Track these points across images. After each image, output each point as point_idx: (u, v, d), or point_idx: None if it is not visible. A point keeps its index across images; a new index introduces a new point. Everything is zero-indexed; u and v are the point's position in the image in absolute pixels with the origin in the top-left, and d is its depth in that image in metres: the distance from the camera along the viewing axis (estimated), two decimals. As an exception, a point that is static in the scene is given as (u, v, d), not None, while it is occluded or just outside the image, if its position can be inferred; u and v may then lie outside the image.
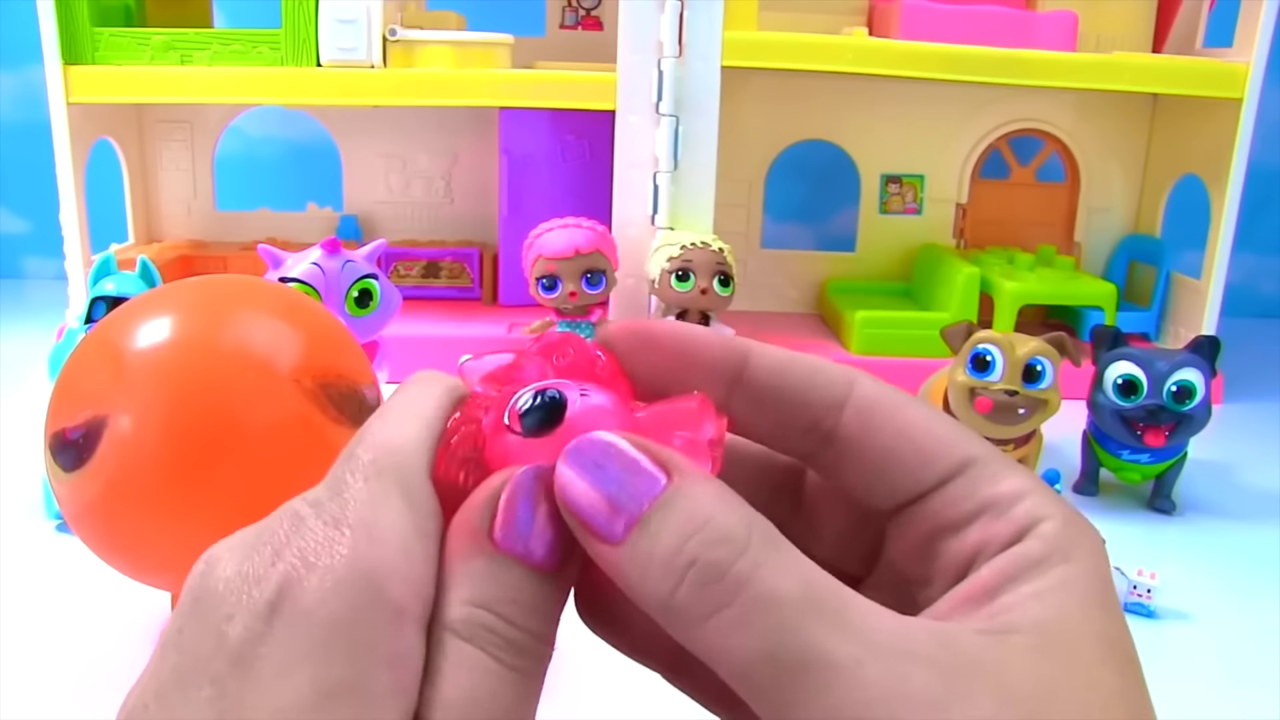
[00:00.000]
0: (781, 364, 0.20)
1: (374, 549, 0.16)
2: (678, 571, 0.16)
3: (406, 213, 1.12)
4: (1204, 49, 1.00)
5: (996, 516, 0.18)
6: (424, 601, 0.17)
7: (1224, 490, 0.75)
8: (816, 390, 0.19)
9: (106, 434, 0.39)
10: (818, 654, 0.15)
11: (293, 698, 0.15)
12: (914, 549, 0.19)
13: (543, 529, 0.17)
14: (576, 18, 1.11)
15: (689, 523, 0.16)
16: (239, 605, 0.16)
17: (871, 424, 0.19)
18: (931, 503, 0.19)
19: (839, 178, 1.13)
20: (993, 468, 0.19)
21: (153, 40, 0.89)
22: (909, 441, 0.19)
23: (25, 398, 0.81)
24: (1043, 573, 0.17)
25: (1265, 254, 1.29)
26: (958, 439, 0.19)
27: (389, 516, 0.17)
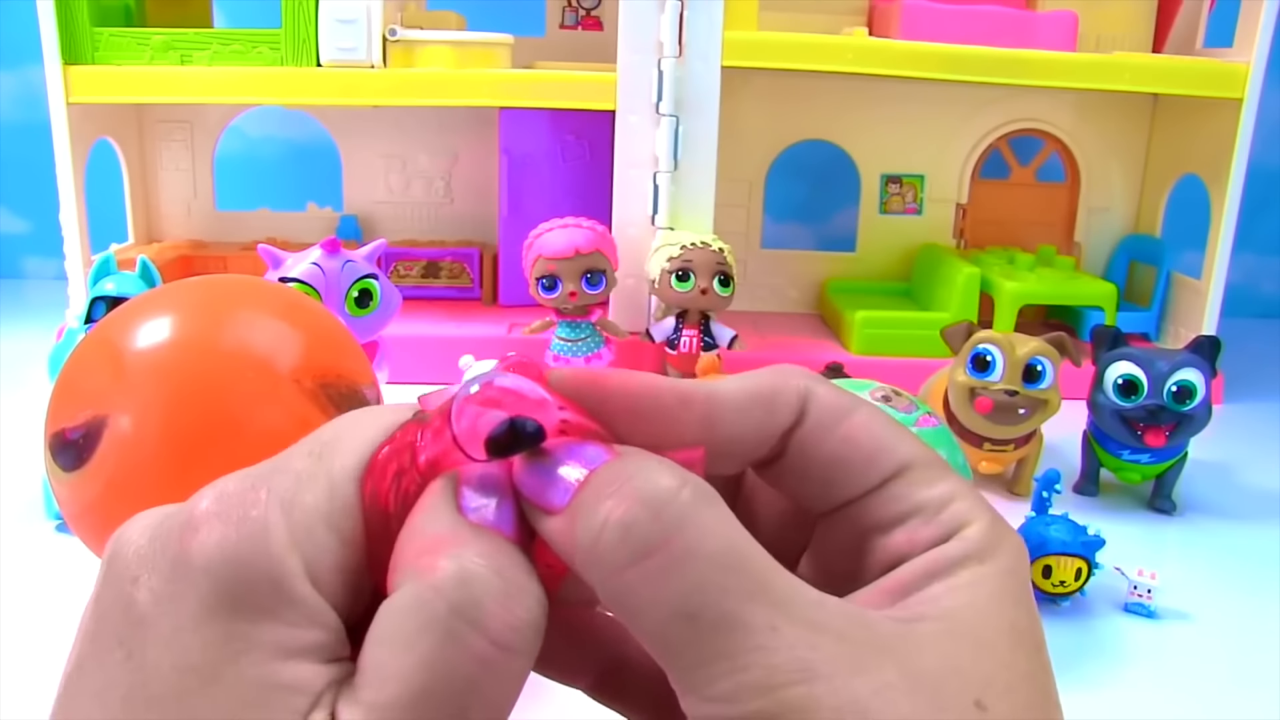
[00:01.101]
0: (741, 403, 0.19)
1: (279, 520, 0.17)
2: (603, 519, 0.16)
3: (406, 213, 1.12)
4: (1204, 49, 1.00)
5: (925, 520, 0.19)
6: (321, 580, 0.17)
7: (1224, 490, 0.75)
8: (776, 418, 0.19)
9: (106, 434, 0.39)
10: (734, 614, 0.16)
11: (196, 652, 0.16)
12: (843, 547, 0.20)
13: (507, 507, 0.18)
14: (576, 18, 1.11)
15: (621, 474, 0.16)
16: (144, 567, 0.17)
17: (821, 434, 0.19)
18: (866, 504, 0.19)
19: (839, 178, 1.13)
20: (927, 472, 0.19)
21: (153, 40, 0.89)
22: (854, 448, 0.19)
23: (25, 398, 0.81)
24: (959, 570, 0.18)
25: (1265, 254, 1.29)
26: (897, 443, 0.19)
27: (308, 498, 0.17)
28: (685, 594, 0.16)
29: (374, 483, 0.18)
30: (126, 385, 0.39)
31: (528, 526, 0.17)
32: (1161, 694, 0.50)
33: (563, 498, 0.17)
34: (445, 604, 0.16)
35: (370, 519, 0.18)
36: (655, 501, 0.16)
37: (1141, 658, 0.53)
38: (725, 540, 0.16)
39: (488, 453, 0.17)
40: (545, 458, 0.17)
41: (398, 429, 0.18)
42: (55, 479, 0.41)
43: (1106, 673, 0.51)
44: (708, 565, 0.16)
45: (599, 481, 0.17)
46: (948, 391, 0.69)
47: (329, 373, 0.41)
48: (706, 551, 0.16)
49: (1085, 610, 0.57)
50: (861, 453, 0.19)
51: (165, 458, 0.38)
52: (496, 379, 0.17)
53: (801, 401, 0.19)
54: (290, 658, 0.16)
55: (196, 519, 0.17)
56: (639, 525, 0.16)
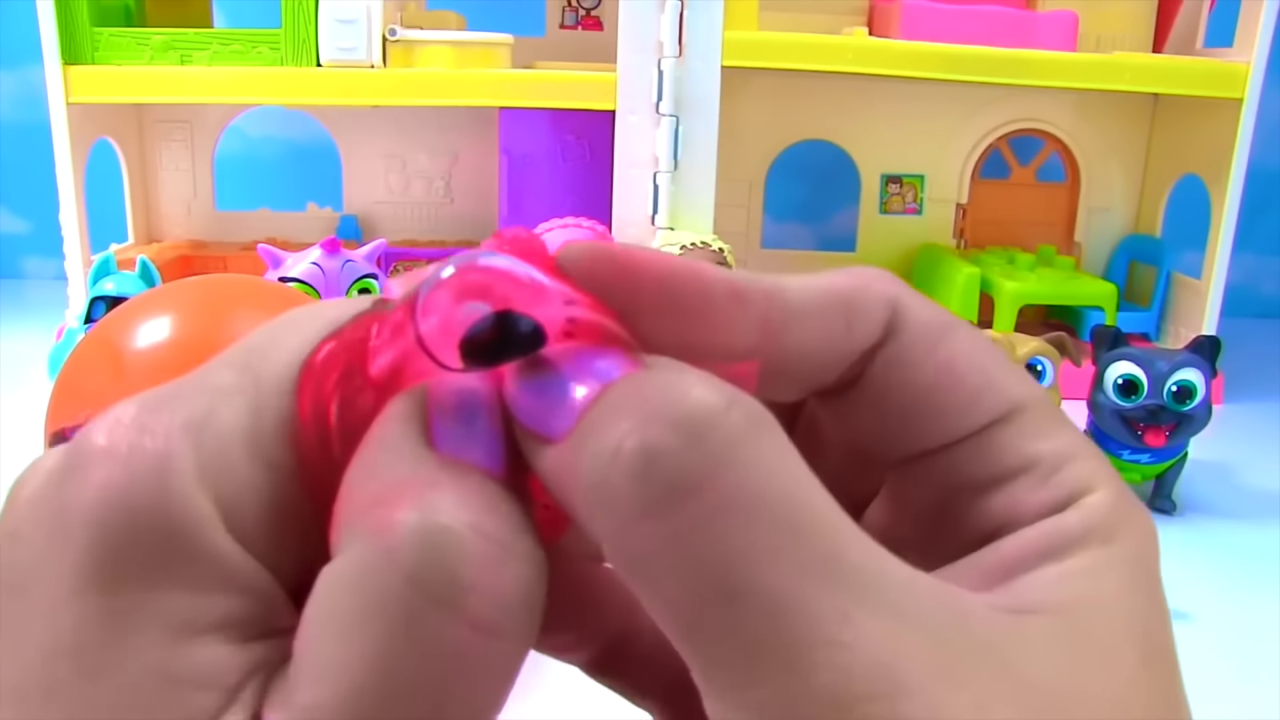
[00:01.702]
0: (813, 305, 0.15)
1: (184, 447, 0.13)
2: (616, 446, 0.12)
3: (406, 213, 1.12)
4: (1204, 49, 1.00)
5: (1037, 480, 0.15)
6: (245, 527, 0.13)
7: (1224, 490, 0.75)
8: (856, 330, 0.15)
9: (106, 434, 0.39)
10: (793, 594, 0.11)
11: (70, 633, 0.12)
12: (924, 506, 0.16)
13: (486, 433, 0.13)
14: (576, 18, 1.11)
15: (645, 388, 0.12)
16: (28, 518, 0.13)
17: (912, 358, 0.15)
18: (959, 453, 0.15)
19: (839, 178, 1.13)
20: (1041, 419, 0.15)
21: (152, 40, 0.89)
22: (952, 379, 0.15)
23: (25, 398, 0.81)
24: (1078, 552, 0.14)
25: (1265, 254, 1.29)
26: (1005, 377, 0.15)
27: (225, 416, 0.13)
28: (727, 560, 0.11)
29: (312, 393, 0.13)
30: (126, 385, 0.39)
31: (521, 462, 0.13)
32: (1161, 694, 0.50)
33: (566, 420, 0.12)
34: (402, 575, 0.11)
35: (308, 444, 0.13)
36: (692, 424, 0.12)
37: (1141, 658, 0.53)
38: (789, 486, 0.12)
39: (465, 359, 0.12)
40: (545, 369, 0.13)
41: (348, 323, 0.14)
42: (55, 479, 0.41)
43: (1106, 673, 0.51)
44: (764, 520, 0.11)
45: (615, 397, 0.12)
46: (948, 391, 0.69)
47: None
48: (763, 500, 0.11)
49: (1085, 610, 0.57)
50: (962, 387, 0.15)
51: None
52: (481, 258, 0.13)
53: (889, 312, 0.15)
54: (197, 636, 0.12)
55: (82, 455, 0.13)
56: (667, 456, 0.11)
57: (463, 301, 0.12)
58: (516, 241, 0.14)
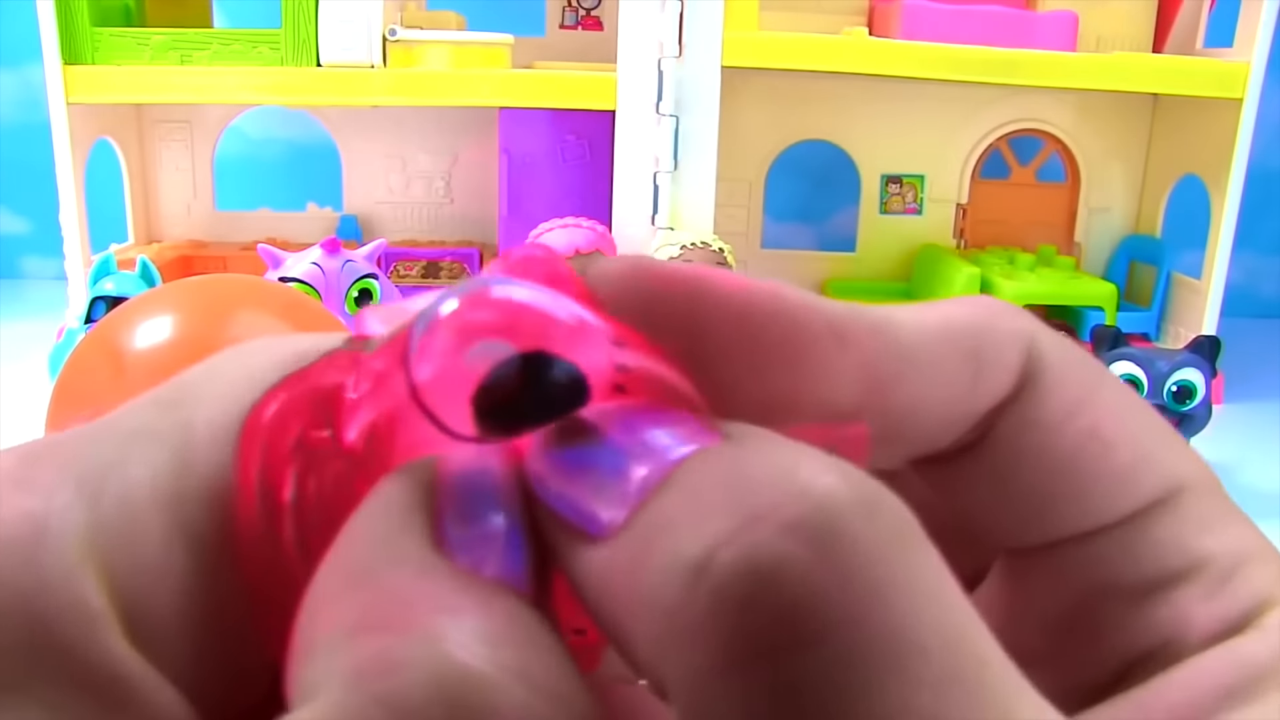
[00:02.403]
0: (932, 347, 0.12)
1: (75, 511, 0.09)
2: (706, 567, 0.08)
3: (406, 213, 1.12)
4: (1204, 49, 1.00)
5: (1205, 588, 0.12)
6: (153, 630, 0.09)
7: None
8: (984, 381, 0.12)
9: (106, 434, 0.39)
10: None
11: None
12: (1050, 608, 0.12)
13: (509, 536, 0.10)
14: (576, 18, 1.11)
15: (745, 480, 0.08)
16: None
17: (1049, 422, 0.12)
18: (1102, 545, 0.12)
19: (839, 178, 1.13)
20: (1208, 507, 0.12)
21: (153, 40, 0.89)
22: (1099, 449, 0.12)
23: (25, 398, 0.81)
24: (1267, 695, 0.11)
25: (1265, 254, 1.29)
26: (1168, 453, 0.12)
27: (136, 472, 0.10)
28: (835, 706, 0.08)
29: (258, 458, 0.10)
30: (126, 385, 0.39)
31: (544, 565, 0.09)
32: (1161, 694, 0.49)
33: (618, 511, 0.09)
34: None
35: (250, 525, 0.10)
36: (820, 530, 0.08)
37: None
38: (950, 625, 0.08)
39: (480, 422, 0.09)
40: (587, 437, 0.09)
41: (310, 365, 0.10)
42: (55, 479, 0.41)
43: (1106, 673, 0.51)
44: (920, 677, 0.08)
45: (693, 482, 0.09)
46: (948, 391, 0.69)
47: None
48: (918, 647, 0.08)
49: (1085, 610, 0.57)
50: (1112, 459, 0.12)
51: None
52: (495, 285, 0.09)
53: (1025, 359, 0.12)
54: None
55: None
56: (787, 575, 0.08)
57: (474, 341, 0.09)
58: (531, 263, 0.10)
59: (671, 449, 0.09)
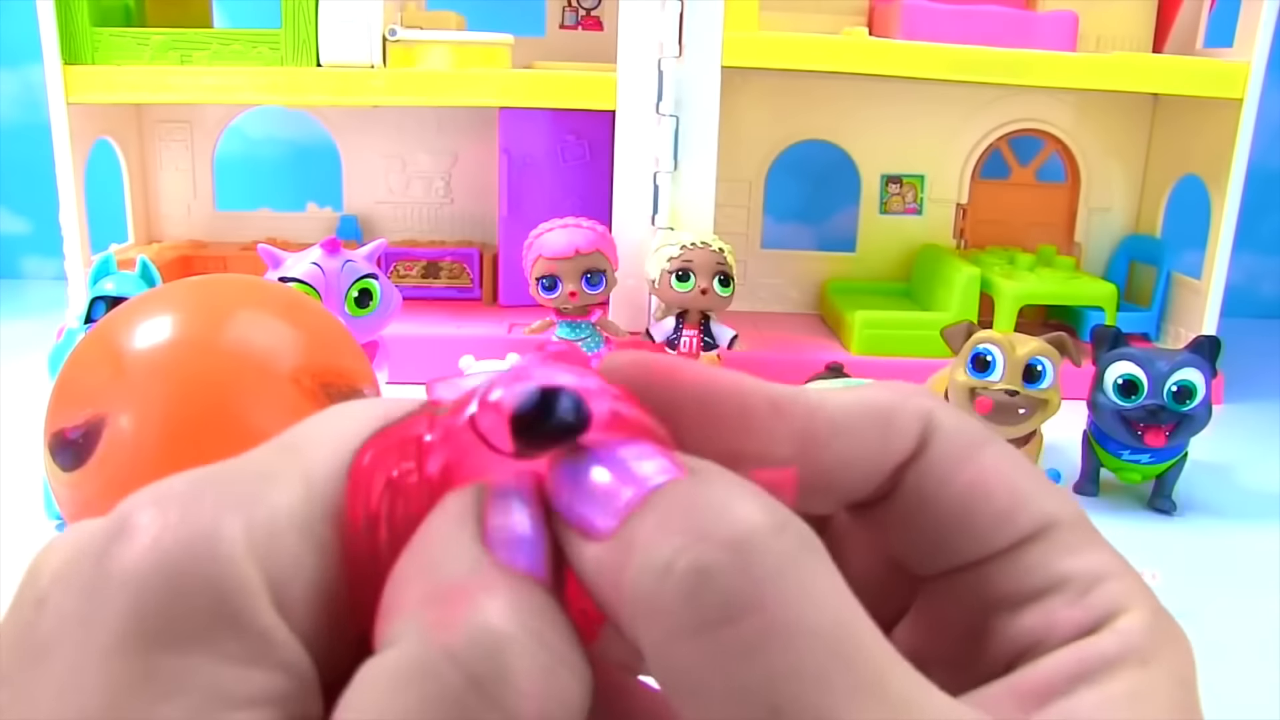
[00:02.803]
0: (851, 419, 0.15)
1: (234, 521, 0.13)
2: (668, 562, 0.12)
3: (406, 213, 1.12)
4: (1204, 49, 1.00)
5: (1069, 598, 0.15)
6: (291, 606, 0.13)
7: (1224, 490, 0.75)
8: (891, 444, 0.15)
9: (106, 433, 0.39)
10: (838, 719, 0.11)
11: (96, 697, 0.12)
12: (955, 622, 0.16)
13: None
14: (576, 18, 1.11)
15: (696, 499, 0.12)
16: (56, 586, 0.13)
17: (945, 472, 0.15)
18: (991, 569, 0.15)
19: (839, 178, 1.13)
20: (1074, 536, 0.15)
21: (152, 40, 0.89)
22: (984, 495, 0.15)
23: (25, 398, 0.81)
24: (1116, 675, 0.14)
25: (1265, 254, 1.29)
26: (1039, 494, 0.15)
27: (277, 496, 0.13)
28: (773, 681, 0.11)
29: (359, 495, 0.14)
30: (126, 385, 0.39)
31: (558, 563, 0.13)
32: (1161, 694, 0.49)
33: (610, 520, 0.13)
34: (463, 675, 0.11)
35: (356, 538, 0.13)
36: (744, 547, 0.12)
37: (1141, 658, 0.53)
38: (834, 611, 0.12)
39: (515, 438, 0.13)
40: (588, 460, 0.13)
41: (395, 422, 0.14)
42: (55, 479, 0.41)
43: (1106, 673, 0.51)
44: (810, 644, 0.12)
45: (666, 505, 0.12)
46: (948, 391, 0.69)
47: (329, 372, 0.41)
48: (809, 623, 0.12)
49: (1085, 610, 0.57)
50: (993, 503, 0.15)
51: (165, 457, 0.38)
52: (533, 365, 0.14)
53: (924, 426, 0.15)
54: (230, 710, 0.12)
55: (126, 525, 0.12)
56: (720, 576, 0.12)
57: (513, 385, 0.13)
58: (559, 355, 0.14)
59: (651, 479, 0.13)
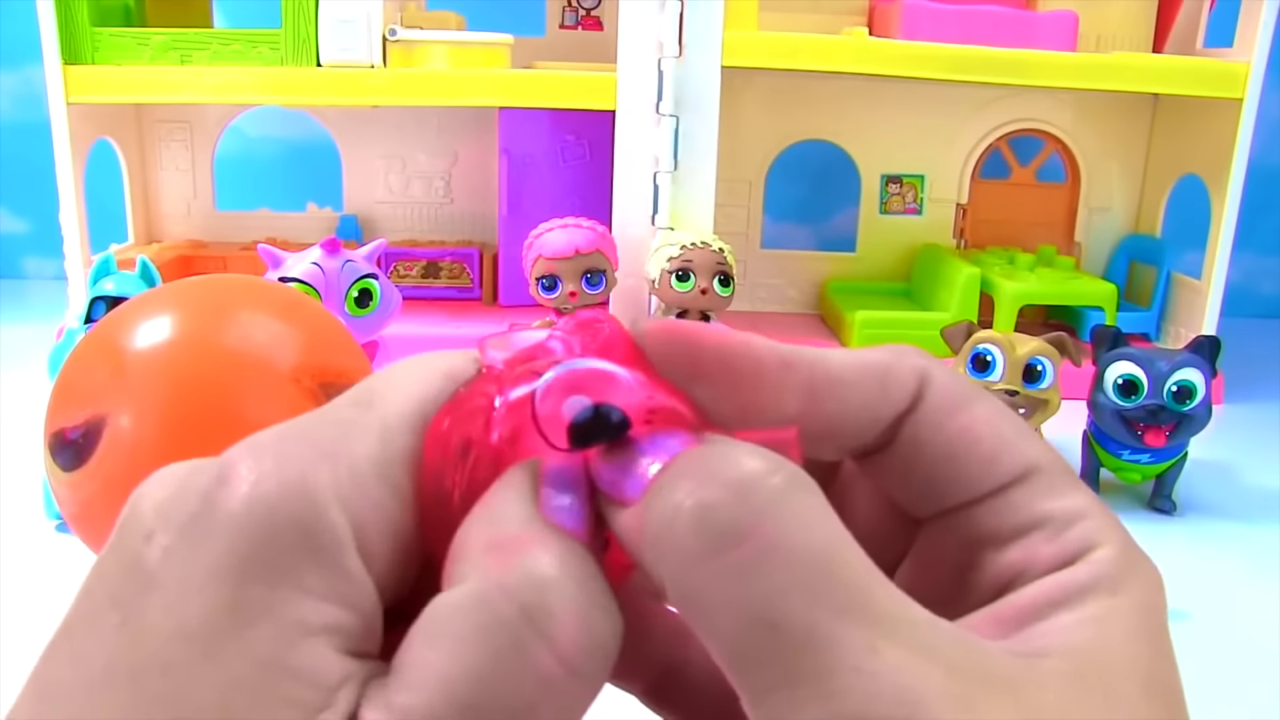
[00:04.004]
0: (852, 374, 0.17)
1: (322, 468, 0.15)
2: (677, 503, 0.14)
3: (406, 213, 1.12)
4: (1204, 49, 1.00)
5: (1049, 535, 0.16)
6: (370, 546, 0.15)
7: (1224, 490, 0.75)
8: (889, 397, 0.17)
9: (106, 433, 0.39)
10: (827, 630, 0.13)
11: (197, 618, 0.14)
12: (948, 560, 0.17)
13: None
14: (576, 18, 1.11)
15: (703, 457, 0.14)
16: (160, 521, 0.14)
17: (931, 427, 0.17)
18: (979, 511, 0.17)
19: (839, 178, 1.13)
20: (1054, 480, 0.17)
21: (152, 40, 0.89)
22: (973, 442, 0.17)
23: (25, 398, 0.81)
24: (1088, 601, 0.15)
25: (1265, 254, 1.29)
26: (1022, 443, 0.17)
27: (357, 446, 0.15)
28: (769, 597, 0.13)
29: (436, 453, 0.16)
30: (126, 384, 0.39)
31: (600, 528, 0.16)
32: (1161, 694, 0.49)
33: (638, 487, 0.15)
34: (515, 607, 0.14)
35: (429, 491, 0.16)
36: (741, 484, 0.14)
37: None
38: (823, 537, 0.14)
39: (570, 441, 0.15)
40: (626, 448, 0.15)
41: (461, 388, 0.16)
42: (55, 479, 0.41)
43: (1106, 673, 0.51)
44: (800, 564, 0.13)
45: (678, 466, 0.14)
46: (948, 391, 0.69)
47: (329, 372, 0.41)
48: (799, 547, 0.13)
49: (1085, 610, 0.57)
50: (981, 449, 0.17)
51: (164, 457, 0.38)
52: (582, 364, 0.16)
53: (919, 382, 0.17)
54: (310, 638, 0.14)
55: (227, 469, 0.15)
56: (720, 509, 0.14)
57: (569, 395, 0.16)
58: (589, 326, 0.17)
59: (670, 450, 0.15)
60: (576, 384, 0.16)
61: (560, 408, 0.16)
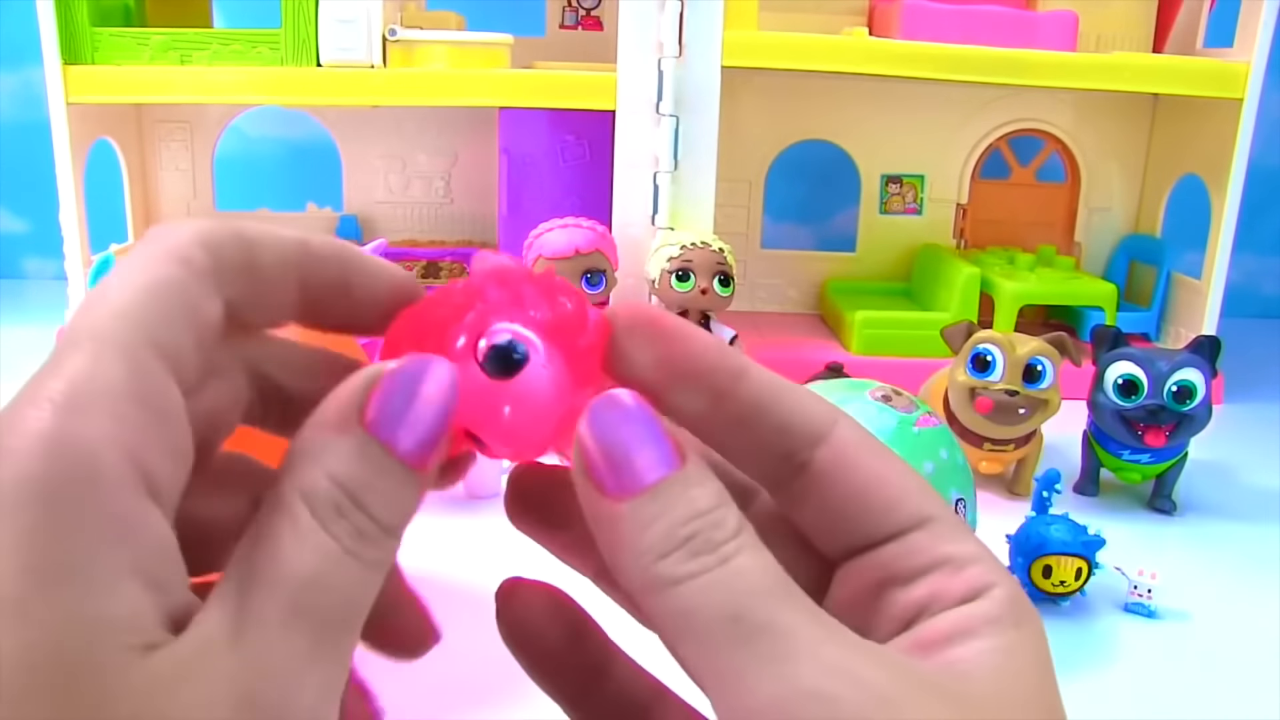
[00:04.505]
0: (772, 388, 0.19)
1: (73, 417, 0.15)
2: (677, 541, 0.17)
3: (406, 213, 1.12)
4: (1204, 49, 1.00)
5: (950, 573, 0.18)
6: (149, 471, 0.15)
7: (1224, 490, 0.75)
8: (800, 421, 0.19)
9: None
10: (784, 623, 0.16)
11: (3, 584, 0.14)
12: (859, 597, 0.19)
13: (415, 422, 0.17)
14: (576, 18, 1.11)
15: (699, 502, 0.17)
16: None
17: (845, 464, 0.19)
18: (885, 552, 0.19)
19: (839, 178, 1.13)
20: (951, 529, 0.19)
21: (152, 40, 0.89)
22: (878, 488, 0.19)
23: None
24: (997, 632, 0.17)
25: (1265, 254, 1.29)
26: (923, 495, 0.19)
27: (99, 382, 0.15)
28: (734, 599, 0.16)
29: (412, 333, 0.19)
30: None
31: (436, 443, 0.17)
32: (1161, 694, 0.50)
33: (629, 490, 0.17)
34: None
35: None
36: (724, 534, 0.17)
37: (1141, 658, 0.53)
38: (776, 571, 0.17)
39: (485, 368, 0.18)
40: (618, 427, 0.17)
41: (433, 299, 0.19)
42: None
43: (1106, 672, 0.51)
44: (760, 579, 0.16)
45: (678, 499, 0.17)
46: (948, 391, 0.69)
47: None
48: (758, 571, 0.17)
49: (1085, 610, 0.57)
50: (888, 491, 0.19)
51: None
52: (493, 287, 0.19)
53: (830, 420, 0.19)
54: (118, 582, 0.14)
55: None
56: (705, 551, 0.17)
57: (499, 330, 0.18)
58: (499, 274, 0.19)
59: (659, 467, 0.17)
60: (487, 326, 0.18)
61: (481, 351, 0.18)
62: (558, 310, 0.19)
